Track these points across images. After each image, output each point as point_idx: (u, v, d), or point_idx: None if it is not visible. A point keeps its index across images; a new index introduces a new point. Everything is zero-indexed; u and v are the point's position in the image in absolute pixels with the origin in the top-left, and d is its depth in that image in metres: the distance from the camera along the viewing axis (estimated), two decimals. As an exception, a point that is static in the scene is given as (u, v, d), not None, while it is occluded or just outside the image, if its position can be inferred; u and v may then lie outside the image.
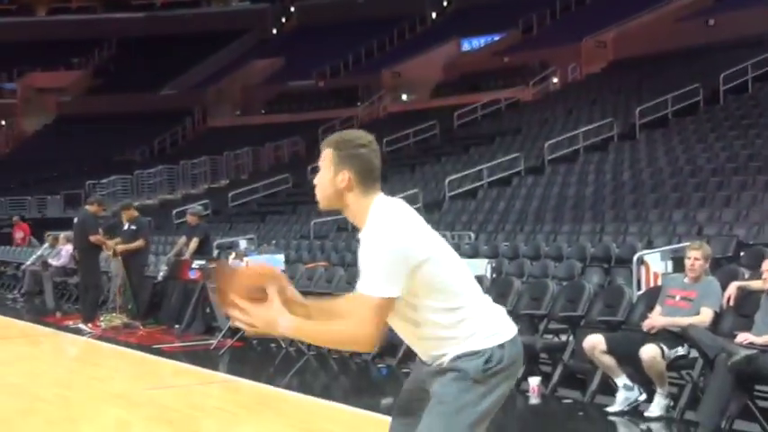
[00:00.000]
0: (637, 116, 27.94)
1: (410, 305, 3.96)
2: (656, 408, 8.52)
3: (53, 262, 21.61)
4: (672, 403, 8.60)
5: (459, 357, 4.00)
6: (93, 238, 16.55)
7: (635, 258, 13.75)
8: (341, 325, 3.90)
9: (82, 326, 16.38)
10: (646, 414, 8.55)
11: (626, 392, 8.73)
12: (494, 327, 4.10)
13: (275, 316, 3.84)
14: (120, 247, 16.66)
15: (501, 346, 4.05)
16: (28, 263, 23.28)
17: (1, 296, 24.21)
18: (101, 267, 17.67)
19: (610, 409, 8.78)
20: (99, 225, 16.94)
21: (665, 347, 8.44)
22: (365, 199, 4.00)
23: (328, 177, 3.98)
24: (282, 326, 3.84)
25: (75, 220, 17.50)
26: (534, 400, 9.53)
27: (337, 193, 4.00)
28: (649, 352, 8.37)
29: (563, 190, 24.08)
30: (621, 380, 8.76)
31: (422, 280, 3.92)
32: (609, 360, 8.74)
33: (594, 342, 8.76)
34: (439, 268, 3.98)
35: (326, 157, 3.99)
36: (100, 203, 17.62)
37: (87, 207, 17.23)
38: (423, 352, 4.15)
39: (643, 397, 8.71)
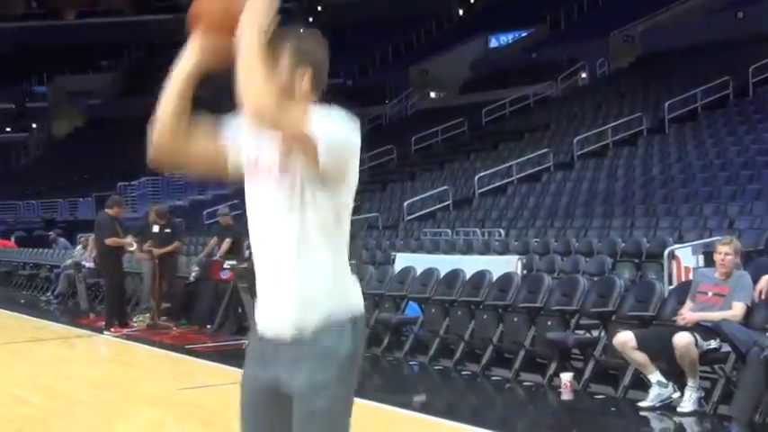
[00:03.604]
0: (666, 110, 27.84)
1: (307, 201, 3.38)
2: (689, 402, 8.49)
3: (85, 264, 21.75)
4: (704, 397, 8.57)
5: (327, 328, 3.41)
6: (108, 241, 16.49)
7: (666, 253, 13.73)
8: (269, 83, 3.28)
9: (105, 332, 16.30)
10: (678, 409, 8.52)
11: (659, 389, 8.70)
12: (357, 291, 3.55)
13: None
14: (158, 251, 16.74)
15: (359, 317, 3.51)
16: (62, 265, 23.41)
17: (35, 298, 24.35)
18: (123, 269, 17.52)
19: (642, 404, 8.76)
20: (116, 227, 16.82)
21: (698, 337, 8.41)
22: (306, 108, 3.38)
23: (280, 70, 3.45)
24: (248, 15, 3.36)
25: (97, 223, 17.43)
26: (566, 395, 9.54)
27: (284, 92, 3.39)
28: (683, 339, 8.34)
29: (593, 185, 24.04)
30: (655, 376, 8.73)
31: (346, 190, 3.45)
32: (640, 356, 8.71)
33: (625, 339, 8.74)
34: (351, 189, 3.47)
35: (283, 48, 3.51)
36: (119, 205, 17.58)
37: (106, 210, 17.22)
38: (283, 311, 3.44)
39: (677, 394, 8.68)
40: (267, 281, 3.48)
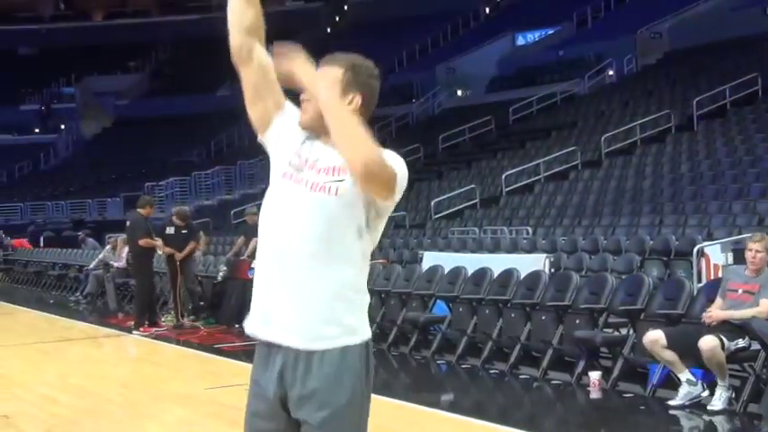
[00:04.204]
0: (694, 107, 27.69)
1: (347, 241, 3.47)
2: (719, 401, 8.45)
3: (114, 264, 21.86)
4: (734, 396, 8.53)
5: (343, 349, 3.44)
6: (141, 242, 16.58)
7: (695, 251, 13.66)
8: (358, 123, 3.43)
9: (134, 332, 16.37)
10: (708, 407, 8.48)
11: (689, 387, 8.66)
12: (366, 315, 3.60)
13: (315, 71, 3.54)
14: (180, 255, 16.83)
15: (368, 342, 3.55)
16: (91, 266, 23.53)
17: (64, 298, 24.48)
18: (154, 269, 17.62)
19: (671, 403, 8.73)
20: (149, 227, 16.93)
21: (725, 339, 8.37)
22: None
23: (329, 93, 3.52)
24: (323, 81, 3.50)
25: (127, 223, 17.48)
26: (595, 394, 9.51)
27: None
28: (709, 343, 8.31)
29: (620, 183, 23.95)
30: (685, 374, 8.69)
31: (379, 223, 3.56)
32: (670, 355, 8.66)
33: (655, 338, 8.69)
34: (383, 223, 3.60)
35: (338, 73, 3.57)
36: (151, 205, 17.67)
37: (138, 209, 17.31)
38: (306, 322, 3.44)
39: (706, 393, 8.64)
40: (283, 286, 3.47)
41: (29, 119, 57.56)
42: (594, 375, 9.61)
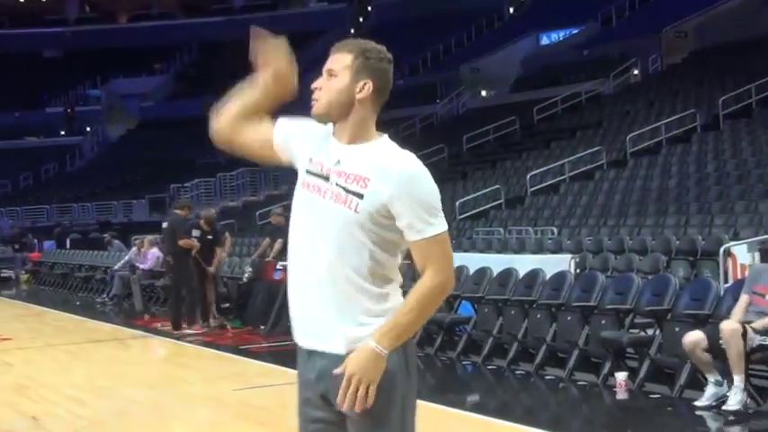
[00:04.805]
0: (720, 106, 27.57)
1: (379, 257, 3.49)
2: (734, 401, 8.36)
3: (140, 265, 21.94)
4: (747, 399, 8.43)
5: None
6: (182, 242, 16.66)
7: (721, 251, 13.61)
8: (426, 289, 3.46)
9: (187, 330, 16.38)
10: (723, 408, 8.40)
11: (715, 388, 8.61)
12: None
13: (365, 363, 3.34)
14: (212, 270, 16.96)
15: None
16: (116, 267, 23.62)
17: (90, 300, 24.59)
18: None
19: (697, 404, 8.68)
20: (188, 228, 17.01)
21: (750, 329, 8.32)
22: (371, 119, 3.54)
23: (344, 83, 3.49)
24: (380, 355, 3.35)
25: (165, 224, 17.52)
26: (621, 395, 9.48)
27: (348, 103, 3.50)
28: (731, 325, 8.26)
29: (646, 183, 23.86)
30: (713, 375, 8.64)
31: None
32: (707, 357, 8.58)
33: (697, 339, 8.56)
34: None
35: (344, 60, 3.51)
36: (189, 207, 17.79)
37: (176, 211, 17.36)
38: (339, 333, 3.47)
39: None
40: (310, 297, 3.50)
41: (54, 121, 57.85)
42: (621, 376, 9.58)
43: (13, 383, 11.81)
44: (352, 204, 3.41)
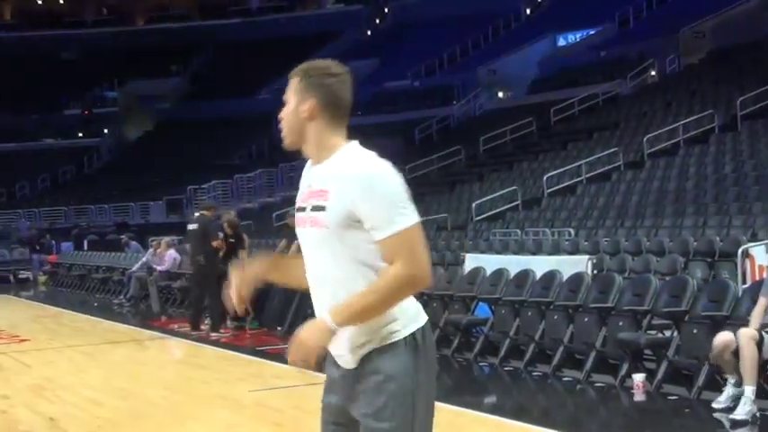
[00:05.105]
0: (738, 107, 27.48)
1: (364, 262, 3.51)
2: (742, 411, 8.23)
3: (157, 267, 21.98)
4: (757, 412, 8.33)
5: (379, 355, 3.52)
6: (215, 243, 16.69)
7: (739, 252, 13.55)
8: (389, 276, 3.42)
9: (213, 334, 16.35)
10: (730, 417, 8.32)
11: (734, 389, 8.55)
12: (413, 307, 3.61)
13: (313, 331, 3.52)
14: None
15: (421, 330, 3.59)
16: (133, 268, 23.67)
17: (108, 301, 24.66)
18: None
19: (714, 405, 8.63)
20: (217, 229, 17.01)
21: (766, 337, 8.26)
22: (329, 134, 3.58)
23: (292, 107, 3.61)
24: (328, 328, 3.47)
25: (193, 226, 17.34)
26: (639, 396, 9.45)
27: (300, 125, 3.60)
28: (748, 333, 8.21)
29: (663, 184, 23.81)
30: (733, 377, 8.58)
31: None
32: (733, 359, 8.51)
33: (728, 341, 8.43)
34: None
35: (292, 85, 3.64)
36: (215, 208, 17.83)
37: (203, 212, 17.36)
38: (340, 343, 3.56)
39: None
40: (323, 311, 3.60)
41: (72, 123, 58.02)
42: (638, 378, 9.55)
43: (31, 384, 11.86)
44: (322, 222, 3.50)
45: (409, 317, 3.55)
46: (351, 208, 3.42)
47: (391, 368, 3.48)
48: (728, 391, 8.60)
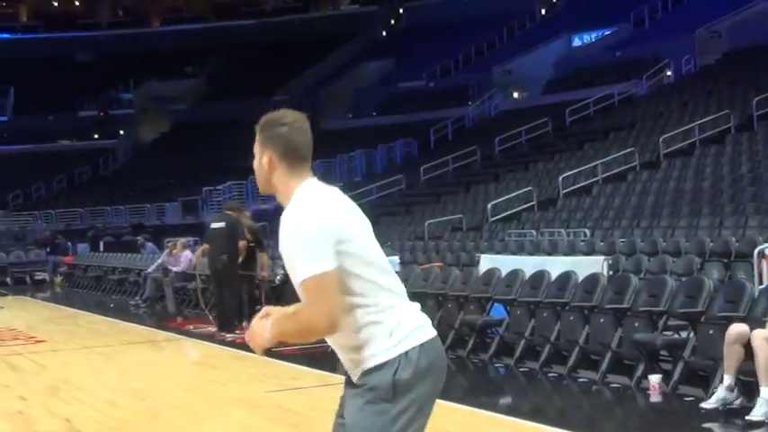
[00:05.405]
0: (754, 107, 27.40)
1: None
2: (758, 412, 8.20)
3: (173, 268, 22.02)
4: None
5: (369, 371, 3.70)
6: (241, 244, 16.75)
7: (756, 252, 13.50)
8: (300, 314, 3.69)
9: (228, 334, 16.35)
10: (747, 417, 8.30)
11: (725, 392, 8.51)
12: (402, 331, 3.71)
13: (261, 331, 3.85)
14: (264, 265, 17.19)
15: (407, 353, 3.68)
16: (149, 270, 23.73)
17: (124, 302, 24.72)
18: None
19: (703, 405, 8.61)
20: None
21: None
22: (291, 181, 3.80)
23: (257, 161, 3.88)
24: (266, 338, 3.82)
25: (219, 225, 17.28)
26: (655, 398, 9.43)
27: (265, 177, 3.86)
28: (762, 335, 8.18)
29: (679, 184, 23.75)
30: (731, 378, 8.51)
31: (343, 262, 3.64)
32: (741, 353, 8.43)
33: (742, 332, 8.30)
34: (356, 256, 3.69)
35: (257, 140, 3.91)
36: (239, 209, 17.91)
37: (228, 212, 17.38)
38: (343, 360, 3.87)
39: (739, 401, 8.51)
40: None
41: (87, 125, 58.14)
42: (654, 379, 9.53)
43: (48, 385, 11.90)
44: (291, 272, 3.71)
45: (397, 339, 3.68)
46: (287, 250, 3.65)
47: (377, 381, 3.66)
48: (720, 393, 8.57)
